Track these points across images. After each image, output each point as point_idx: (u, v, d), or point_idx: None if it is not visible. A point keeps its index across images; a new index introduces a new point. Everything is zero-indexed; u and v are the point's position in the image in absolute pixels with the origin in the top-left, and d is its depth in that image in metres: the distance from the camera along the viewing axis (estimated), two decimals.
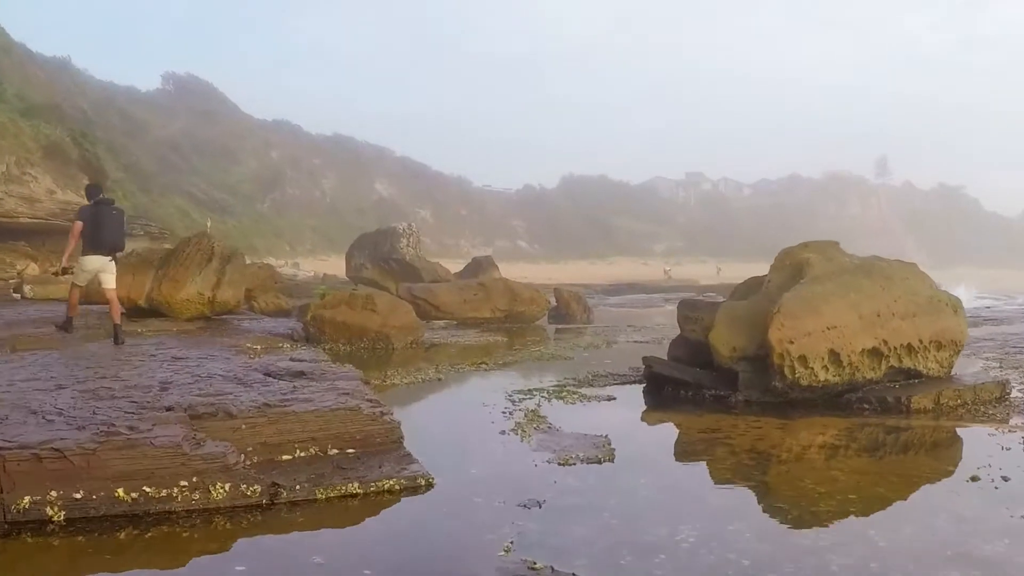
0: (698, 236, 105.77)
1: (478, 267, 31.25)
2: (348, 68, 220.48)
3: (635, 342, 15.54)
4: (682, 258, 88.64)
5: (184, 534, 4.42)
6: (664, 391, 9.36)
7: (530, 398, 8.70)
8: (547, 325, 20.30)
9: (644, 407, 9.02)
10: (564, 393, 9.06)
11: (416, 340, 14.62)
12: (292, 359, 8.87)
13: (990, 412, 8.11)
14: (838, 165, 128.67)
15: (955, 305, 9.39)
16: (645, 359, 9.95)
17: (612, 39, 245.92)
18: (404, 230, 30.88)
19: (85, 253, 10.04)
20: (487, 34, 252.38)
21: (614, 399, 8.97)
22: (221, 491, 4.84)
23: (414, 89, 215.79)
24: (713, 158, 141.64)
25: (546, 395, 8.91)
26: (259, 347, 10.80)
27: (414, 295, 19.52)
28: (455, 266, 32.72)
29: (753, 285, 9.95)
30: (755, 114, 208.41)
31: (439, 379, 10.55)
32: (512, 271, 32.45)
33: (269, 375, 7.45)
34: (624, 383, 10.09)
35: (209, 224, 65.62)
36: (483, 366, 11.93)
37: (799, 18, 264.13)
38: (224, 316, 15.40)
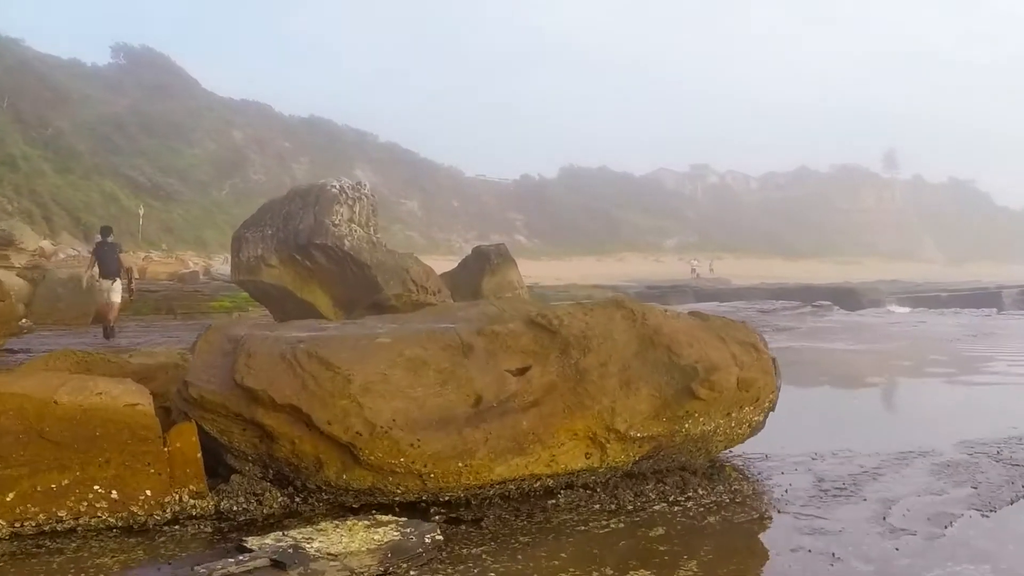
0: (710, 231, 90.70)
1: (483, 263, 16.04)
2: (337, 57, 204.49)
3: None
4: (697, 254, 73.48)
5: None
6: None
7: None
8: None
9: None
10: None
11: None
12: None
13: None
14: (845, 159, 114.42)
15: None
16: None
17: (612, 29, 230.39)
18: (342, 191, 14.68)
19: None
20: (486, 24, 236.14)
21: None
22: None
23: (406, 79, 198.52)
24: (715, 151, 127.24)
25: None
26: None
27: (237, 411, 3.88)
28: (445, 265, 17.77)
29: None
30: (758, 108, 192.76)
31: None
32: None
33: None
34: None
35: (142, 211, 49.74)
36: None
37: (803, 12, 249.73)
38: None
